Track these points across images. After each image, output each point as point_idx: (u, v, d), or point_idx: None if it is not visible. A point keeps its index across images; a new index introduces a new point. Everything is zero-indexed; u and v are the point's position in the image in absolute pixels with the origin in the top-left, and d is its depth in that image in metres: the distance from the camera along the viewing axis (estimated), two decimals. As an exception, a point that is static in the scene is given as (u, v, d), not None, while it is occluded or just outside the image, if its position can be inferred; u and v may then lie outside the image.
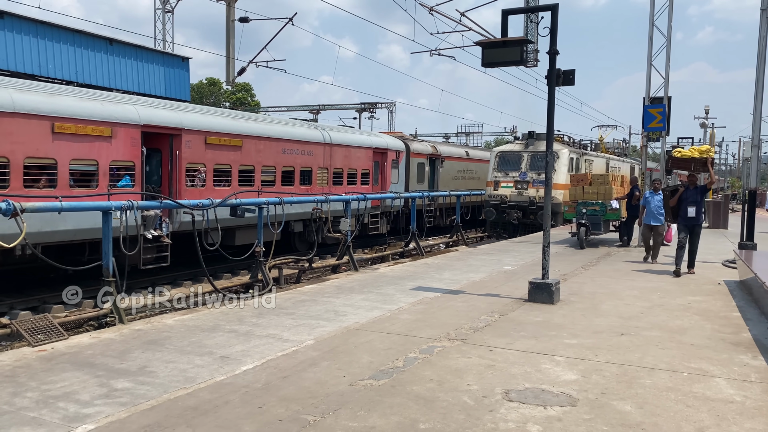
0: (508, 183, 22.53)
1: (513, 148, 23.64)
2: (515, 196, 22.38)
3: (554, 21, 8.45)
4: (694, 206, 11.37)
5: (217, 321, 7.36)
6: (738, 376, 5.50)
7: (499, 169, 23.19)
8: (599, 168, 26.12)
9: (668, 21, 16.45)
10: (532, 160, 22.56)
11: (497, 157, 23.44)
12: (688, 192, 11.56)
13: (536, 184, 22.04)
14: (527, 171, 22.48)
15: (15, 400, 4.70)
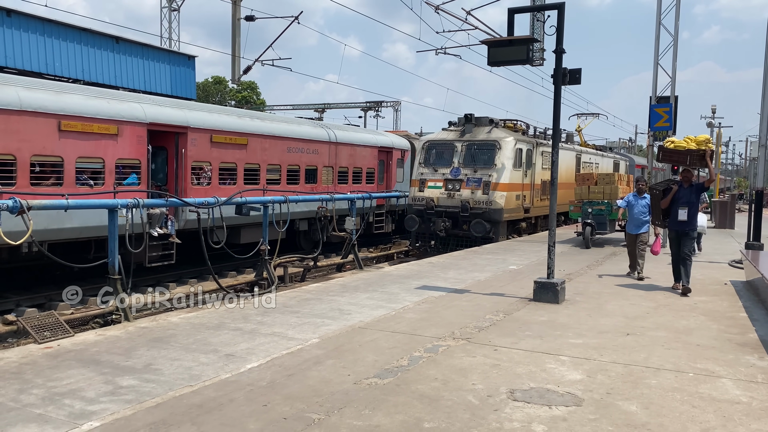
0: (437, 182, 17.82)
1: (445, 137, 18.54)
2: (444, 199, 17.58)
3: (560, 20, 8.42)
4: (686, 208, 9.58)
5: (222, 319, 7.37)
6: (744, 377, 5.47)
7: (427, 164, 18.29)
8: (566, 163, 22.13)
9: (675, 20, 16.38)
10: (468, 152, 17.81)
11: (425, 148, 18.69)
12: (681, 191, 9.69)
13: (471, 184, 17.33)
14: (461, 166, 17.63)
15: (21, 396, 4.72)
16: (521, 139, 18.49)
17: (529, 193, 19.09)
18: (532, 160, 19.08)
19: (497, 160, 17.35)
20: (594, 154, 26.81)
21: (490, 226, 16.84)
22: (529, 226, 19.79)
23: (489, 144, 17.66)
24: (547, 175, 19.25)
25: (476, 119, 18.61)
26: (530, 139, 19.36)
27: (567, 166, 22.15)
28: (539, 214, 20.22)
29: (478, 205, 17.08)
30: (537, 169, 19.57)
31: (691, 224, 9.70)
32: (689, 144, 9.78)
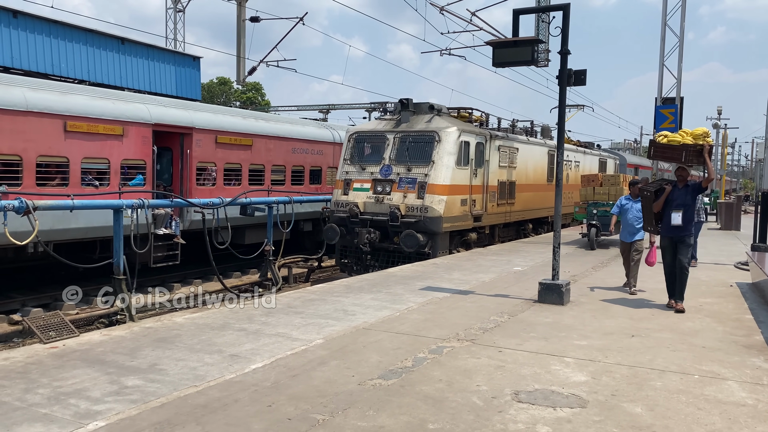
0: (364, 183, 14.49)
1: (375, 127, 15.38)
2: (372, 204, 14.16)
3: (566, 21, 8.41)
4: (680, 211, 8.33)
5: (227, 319, 7.38)
6: (750, 379, 5.45)
7: (354, 161, 14.97)
8: (533, 160, 19.26)
9: (681, 21, 16.35)
10: (401, 146, 14.49)
11: (351, 140, 15.29)
12: (676, 192, 8.47)
13: (404, 185, 14.00)
14: (392, 164, 14.34)
15: (27, 396, 4.74)
16: (468, 130, 15.01)
17: (481, 198, 15.41)
18: (485, 157, 15.57)
19: (435, 155, 14.01)
20: (573, 150, 23.36)
21: (426, 239, 13.58)
22: (481, 238, 16.15)
23: (426, 135, 14.36)
24: (506, 175, 16.94)
25: (415, 106, 15.25)
26: (482, 130, 15.82)
27: (536, 164, 19.40)
28: (496, 222, 16.85)
29: (411, 213, 13.77)
30: (491, 167, 15.96)
31: (687, 229, 8.42)
32: (684, 138, 8.55)
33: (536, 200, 19.51)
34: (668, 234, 8.49)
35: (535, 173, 19.34)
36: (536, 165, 19.48)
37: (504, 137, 16.92)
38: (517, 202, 17.69)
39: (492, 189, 16.06)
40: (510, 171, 17.19)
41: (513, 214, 17.76)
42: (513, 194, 17.38)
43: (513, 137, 17.76)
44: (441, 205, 13.73)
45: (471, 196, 14.90)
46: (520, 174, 17.86)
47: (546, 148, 20.37)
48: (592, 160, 25.75)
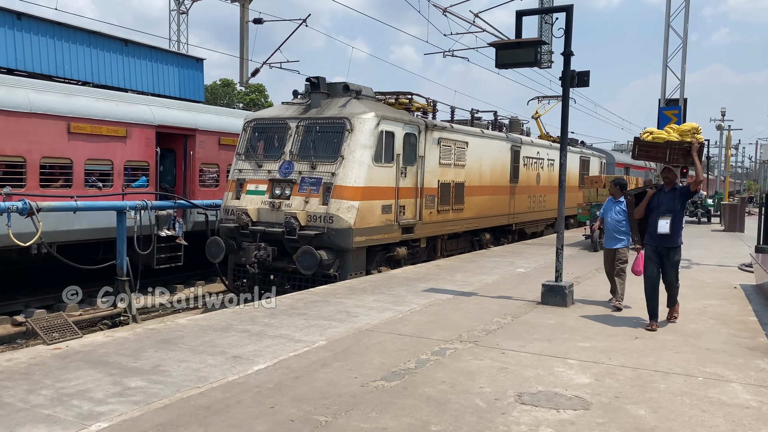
0: (260, 184, 11.73)
1: (277, 114, 12.45)
2: (267, 212, 11.41)
3: (569, 22, 8.41)
4: (668, 217, 7.31)
5: (230, 321, 7.39)
6: (754, 381, 5.43)
7: (249, 156, 12.16)
8: (491, 156, 16.20)
9: (684, 22, 16.33)
10: (306, 137, 11.68)
11: (248, 130, 12.47)
12: (662, 196, 7.44)
13: (306, 187, 11.20)
14: (294, 160, 11.52)
15: (30, 397, 4.74)
16: (393, 117, 11.99)
17: (413, 203, 12.62)
18: (419, 152, 12.70)
19: (346, 148, 11.12)
20: (546, 147, 20.59)
21: (332, 257, 10.75)
22: (415, 253, 13.17)
23: (335, 123, 11.47)
24: (450, 175, 14.02)
25: (329, 87, 12.39)
26: (414, 119, 12.83)
27: (495, 162, 16.46)
28: (436, 232, 13.79)
29: (313, 223, 10.90)
30: (429, 165, 13.08)
31: (676, 239, 7.41)
32: (670, 135, 7.62)
33: (495, 205, 16.59)
34: (653, 243, 7.49)
35: (493, 173, 16.34)
36: (495, 163, 16.42)
37: (447, 128, 13.96)
38: (467, 208, 14.85)
39: (429, 192, 13.13)
40: (457, 170, 14.32)
41: (462, 222, 14.79)
42: (461, 198, 14.50)
43: (460, 129, 14.72)
44: (351, 213, 10.82)
45: (398, 202, 11.98)
46: (471, 173, 15.05)
47: (509, 144, 17.36)
48: (570, 158, 21.97)
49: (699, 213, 28.62)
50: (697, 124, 7.72)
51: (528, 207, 19.03)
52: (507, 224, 17.79)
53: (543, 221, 20.96)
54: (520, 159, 18.14)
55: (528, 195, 18.89)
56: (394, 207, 11.98)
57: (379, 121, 11.54)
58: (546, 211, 20.69)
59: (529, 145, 19.14)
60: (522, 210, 18.52)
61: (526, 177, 18.77)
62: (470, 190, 15.00)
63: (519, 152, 18.09)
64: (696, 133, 7.62)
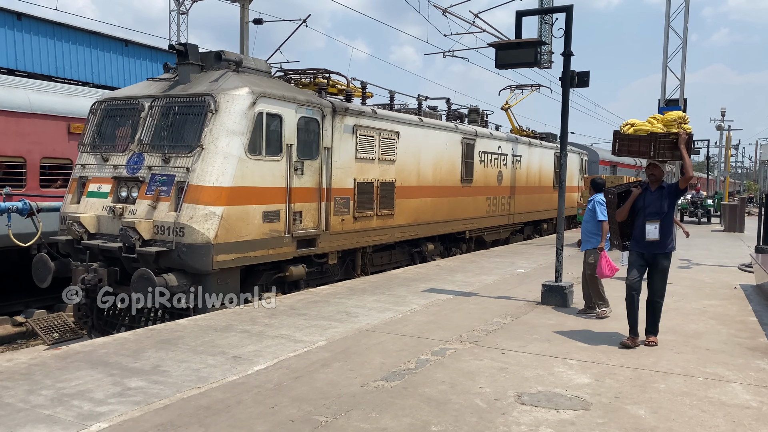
0: (103, 184, 9.25)
1: (134, 92, 9.83)
2: (108, 221, 8.87)
3: (569, 22, 8.41)
4: (656, 221, 6.41)
5: (230, 321, 7.39)
6: (754, 382, 5.43)
7: (95, 148, 9.61)
8: (435, 151, 13.54)
9: (684, 23, 16.32)
10: (161, 122, 9.10)
11: (97, 114, 9.85)
12: (648, 196, 6.55)
13: (155, 188, 8.65)
14: (145, 151, 8.99)
15: (30, 397, 4.75)
16: (279, 95, 9.27)
17: (315, 208, 9.93)
18: (323, 142, 10.00)
19: (207, 136, 8.44)
20: (509, 141, 17.77)
21: (184, 283, 8.18)
22: (321, 272, 10.58)
23: (195, 103, 8.84)
24: (373, 173, 11.39)
25: (202, 56, 9.71)
26: (315, 100, 9.97)
27: (440, 158, 13.76)
28: (352, 244, 11.00)
29: (160, 236, 8.31)
30: (341, 159, 10.44)
31: (665, 245, 6.49)
32: (654, 126, 6.72)
33: (441, 209, 13.94)
34: (639, 249, 6.58)
35: (437, 171, 13.71)
36: (440, 159, 13.76)
37: (366, 114, 11.13)
38: (400, 213, 12.31)
39: (341, 194, 10.49)
40: (384, 166, 11.75)
41: (392, 230, 12.15)
42: (390, 201, 11.95)
43: (387, 115, 11.92)
44: (210, 222, 8.17)
45: (291, 206, 9.32)
46: (405, 171, 12.48)
47: (459, 136, 14.59)
48: (543, 154, 20.24)
49: (699, 213, 28.63)
50: (684, 113, 6.82)
51: (487, 211, 16.32)
52: (459, 231, 15.03)
53: (507, 227, 18.25)
54: (474, 154, 15.33)
55: (487, 197, 16.24)
56: (284, 214, 9.22)
57: (256, 99, 8.77)
58: (511, 215, 18.08)
59: (486, 138, 16.06)
60: (479, 214, 15.84)
61: (484, 176, 16.02)
62: (404, 191, 12.42)
63: (473, 146, 15.24)
64: (683, 123, 6.68)
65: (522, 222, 19.16)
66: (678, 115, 6.75)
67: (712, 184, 56.28)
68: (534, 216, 20.00)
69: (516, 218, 18.40)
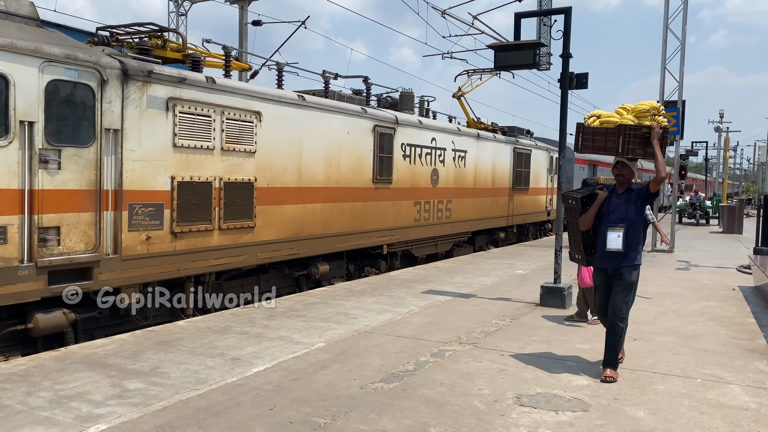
0: None
1: None
2: None
3: (567, 24, 8.43)
4: (620, 229, 5.51)
5: (228, 322, 7.38)
6: (753, 383, 5.44)
7: None
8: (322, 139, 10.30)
9: (683, 24, 16.35)
10: None
11: None
12: (613, 200, 5.68)
13: None
14: None
15: (29, 399, 4.74)
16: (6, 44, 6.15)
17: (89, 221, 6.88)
18: (103, 122, 7.02)
19: None
20: (450, 132, 14.54)
21: None
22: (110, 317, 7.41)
23: None
24: (209, 168, 8.29)
25: None
26: (83, 55, 6.84)
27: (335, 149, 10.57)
28: (166, 274, 7.82)
29: None
30: (143, 147, 7.51)
31: (631, 257, 5.52)
32: (623, 117, 5.81)
33: (340, 218, 10.72)
34: (602, 265, 5.67)
35: (333, 167, 10.54)
36: (338, 152, 10.64)
37: (194, 82, 8.10)
38: (266, 225, 9.14)
39: (146, 198, 7.51)
40: (233, 159, 8.54)
41: (251, 250, 8.91)
42: (248, 209, 8.79)
43: (234, 87, 8.70)
44: None
45: (36, 218, 6.40)
46: (275, 167, 9.28)
47: (370, 122, 11.41)
48: (498, 150, 17.02)
49: (698, 215, 28.68)
50: (658, 103, 5.90)
51: (415, 219, 13.15)
52: (375, 246, 11.97)
53: (448, 238, 14.90)
54: (395, 147, 12.21)
55: (415, 202, 13.02)
56: (17, 230, 6.25)
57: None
58: (452, 223, 14.78)
59: (413, 128, 12.93)
60: (403, 223, 12.67)
61: (411, 175, 12.88)
62: (273, 195, 9.24)
63: (392, 137, 12.12)
64: (657, 115, 5.78)
65: (469, 231, 15.83)
66: (651, 105, 5.83)
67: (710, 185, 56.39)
68: (486, 224, 16.64)
69: (460, 227, 15.11)
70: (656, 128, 5.62)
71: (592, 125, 5.96)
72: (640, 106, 5.80)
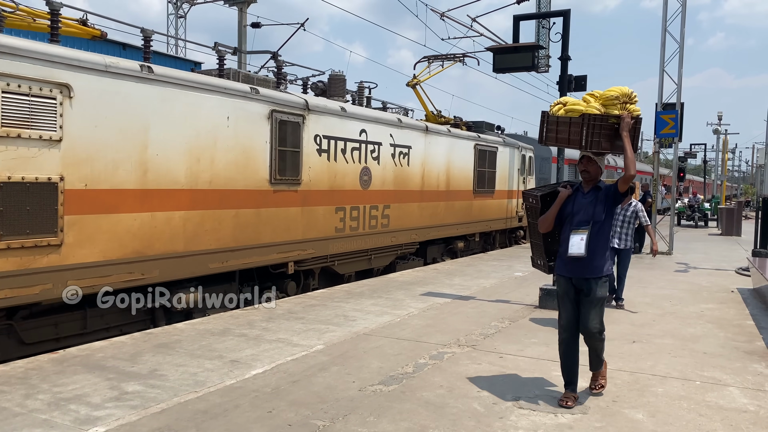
0: None
1: None
2: None
3: (566, 27, 8.45)
4: (584, 231, 4.85)
5: (227, 325, 7.38)
6: (752, 385, 5.44)
7: None
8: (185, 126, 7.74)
9: (681, 27, 16.38)
10: None
11: None
12: (578, 199, 5.02)
13: None
14: None
15: (27, 402, 4.73)
16: None
17: None
18: None
19: None
20: (385, 123, 11.92)
21: None
22: None
23: None
24: None
25: None
26: None
27: (206, 140, 8.18)
28: None
29: None
30: None
31: (597, 266, 4.85)
32: (589, 105, 5.07)
33: (217, 230, 8.29)
34: (565, 272, 4.96)
35: (204, 163, 8.11)
36: (211, 144, 8.19)
37: None
38: (85, 241, 6.69)
39: None
40: (21, 151, 6.10)
41: (55, 277, 6.42)
42: (51, 217, 6.37)
43: (17, 48, 6.08)
44: None
45: None
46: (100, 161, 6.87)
47: (264, 107, 9.00)
48: (453, 146, 14.34)
49: (696, 217, 28.70)
50: (628, 90, 5.09)
51: (337, 228, 10.65)
52: (277, 264, 9.46)
53: (386, 250, 12.23)
54: (303, 140, 9.70)
55: (336, 207, 10.58)
56: None
57: None
58: (391, 233, 12.14)
59: (334, 117, 10.40)
60: (319, 234, 10.17)
61: (330, 175, 10.38)
62: (96, 201, 6.82)
63: (300, 127, 9.61)
64: (629, 103, 5.05)
65: (416, 241, 13.22)
66: (622, 91, 5.05)
67: (709, 187, 56.48)
68: (439, 232, 14.03)
69: (402, 237, 12.57)
70: (626, 118, 4.91)
71: (557, 114, 5.24)
72: (609, 93, 5.05)
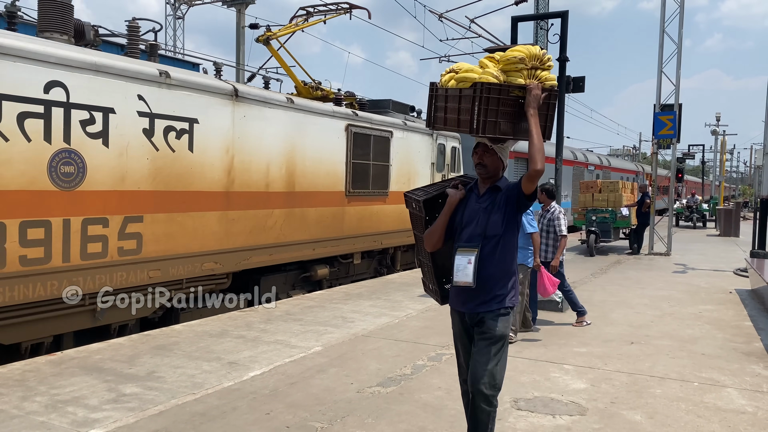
0: None
1: None
2: None
3: (564, 28, 8.46)
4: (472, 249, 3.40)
5: (225, 326, 7.37)
6: (750, 387, 5.44)
7: None
8: None
9: (679, 28, 16.40)
10: None
11: None
12: (470, 203, 3.53)
13: None
14: None
15: (24, 404, 4.72)
16: None
17: None
18: None
19: None
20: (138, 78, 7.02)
21: None
22: None
23: None
24: None
25: None
26: None
27: None
28: None
29: None
30: None
31: (497, 297, 3.48)
32: (485, 71, 3.44)
33: None
34: (457, 305, 3.69)
35: None
36: None
37: None
38: None
39: None
40: None
41: None
42: None
43: None
44: None
45: None
46: None
47: None
48: (302, 125, 9.65)
49: (694, 218, 28.73)
50: (539, 50, 3.48)
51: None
52: None
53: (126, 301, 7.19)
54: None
55: None
56: None
57: None
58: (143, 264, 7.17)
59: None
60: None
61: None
62: None
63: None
64: (539, 68, 3.47)
65: (224, 272, 8.36)
66: (530, 52, 3.45)
67: (707, 188, 56.56)
68: (269, 257, 9.09)
69: (177, 270, 7.66)
70: (534, 89, 3.33)
71: (447, 85, 3.64)
72: (511, 54, 3.47)
